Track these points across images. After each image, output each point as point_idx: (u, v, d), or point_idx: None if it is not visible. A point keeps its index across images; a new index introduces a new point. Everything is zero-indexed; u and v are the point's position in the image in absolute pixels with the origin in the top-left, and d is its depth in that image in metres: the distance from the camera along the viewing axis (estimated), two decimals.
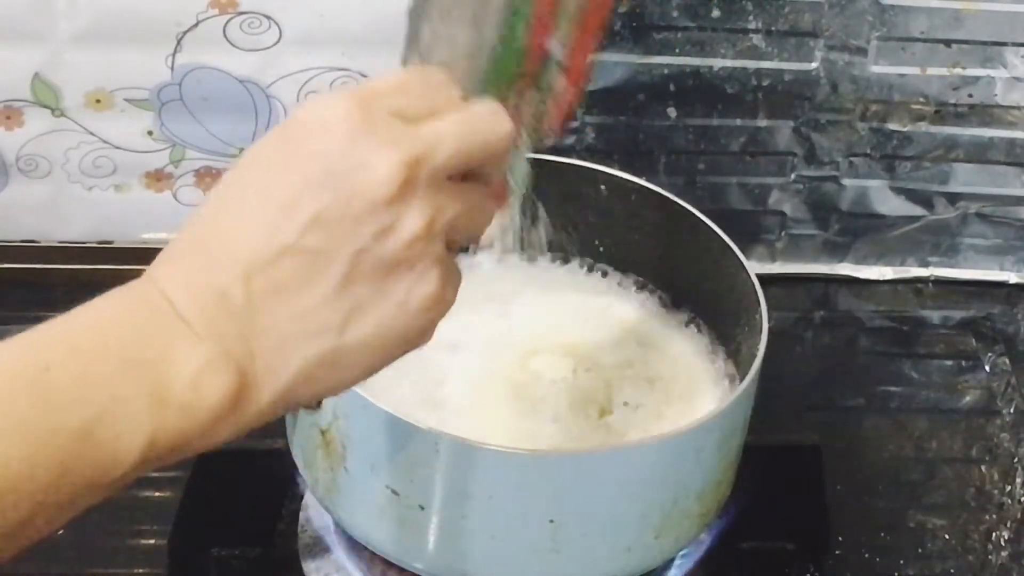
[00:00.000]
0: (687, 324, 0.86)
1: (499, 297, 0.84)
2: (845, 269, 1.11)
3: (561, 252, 0.89)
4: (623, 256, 0.89)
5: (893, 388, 1.03)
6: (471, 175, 0.56)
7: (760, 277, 0.81)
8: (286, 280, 0.53)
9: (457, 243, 0.57)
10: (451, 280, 0.57)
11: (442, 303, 0.56)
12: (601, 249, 0.89)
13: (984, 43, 1.02)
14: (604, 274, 0.88)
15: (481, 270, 0.86)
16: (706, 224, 0.84)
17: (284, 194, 0.53)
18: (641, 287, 0.88)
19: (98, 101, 0.98)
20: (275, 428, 0.82)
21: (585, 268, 0.89)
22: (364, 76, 0.98)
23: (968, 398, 1.02)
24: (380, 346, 0.56)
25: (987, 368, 1.04)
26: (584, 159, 0.89)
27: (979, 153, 1.06)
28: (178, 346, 0.53)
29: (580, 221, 0.88)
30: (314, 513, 0.84)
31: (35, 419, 0.50)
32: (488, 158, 0.56)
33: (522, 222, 0.81)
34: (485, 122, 0.56)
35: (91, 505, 0.53)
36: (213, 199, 0.56)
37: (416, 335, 0.56)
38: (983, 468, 0.96)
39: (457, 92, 0.56)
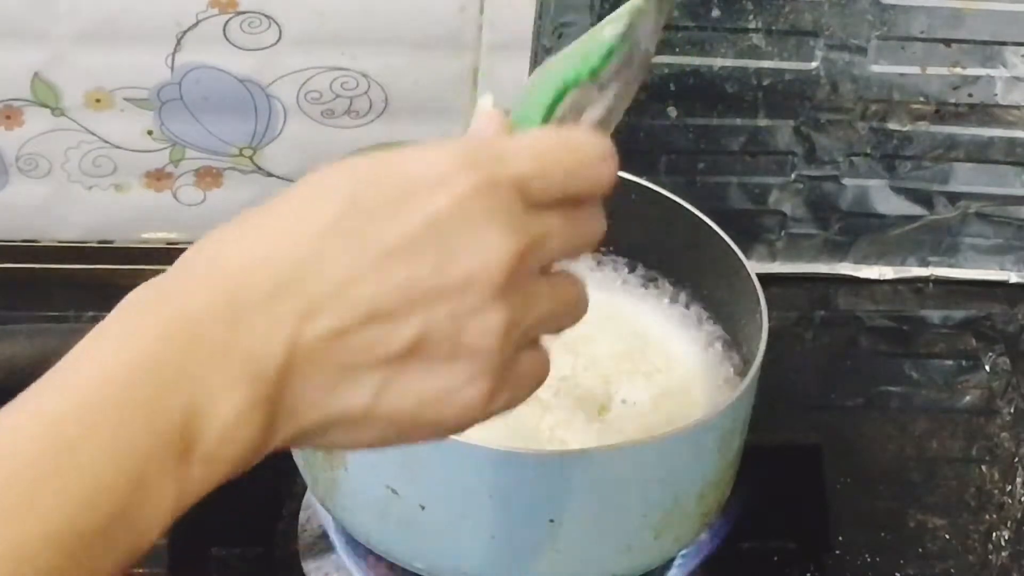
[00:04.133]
0: (687, 323, 0.86)
1: None
2: (845, 269, 1.11)
3: None
4: (623, 255, 0.89)
5: (893, 388, 1.03)
6: None
7: (760, 277, 0.81)
8: (347, 332, 0.49)
9: (547, 334, 0.54)
10: (507, 389, 0.53)
11: (488, 409, 0.53)
12: (601, 248, 0.89)
13: (984, 42, 1.02)
14: (608, 270, 0.88)
15: None
16: (706, 223, 0.84)
17: (376, 246, 0.49)
18: (642, 285, 0.88)
19: (98, 101, 0.98)
20: None
21: (589, 260, 0.89)
22: (364, 76, 0.98)
23: (968, 398, 1.02)
24: (406, 425, 0.52)
25: (987, 368, 1.04)
26: None
27: (979, 153, 1.06)
28: (211, 389, 0.48)
29: None
30: (314, 513, 0.84)
31: (66, 526, 0.45)
32: (582, 254, 0.55)
33: None
34: (593, 221, 0.55)
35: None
36: (279, 211, 0.51)
37: (446, 429, 0.53)
38: (983, 468, 0.96)
39: (614, 167, 0.54)
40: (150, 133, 1.00)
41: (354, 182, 0.51)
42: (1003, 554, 0.90)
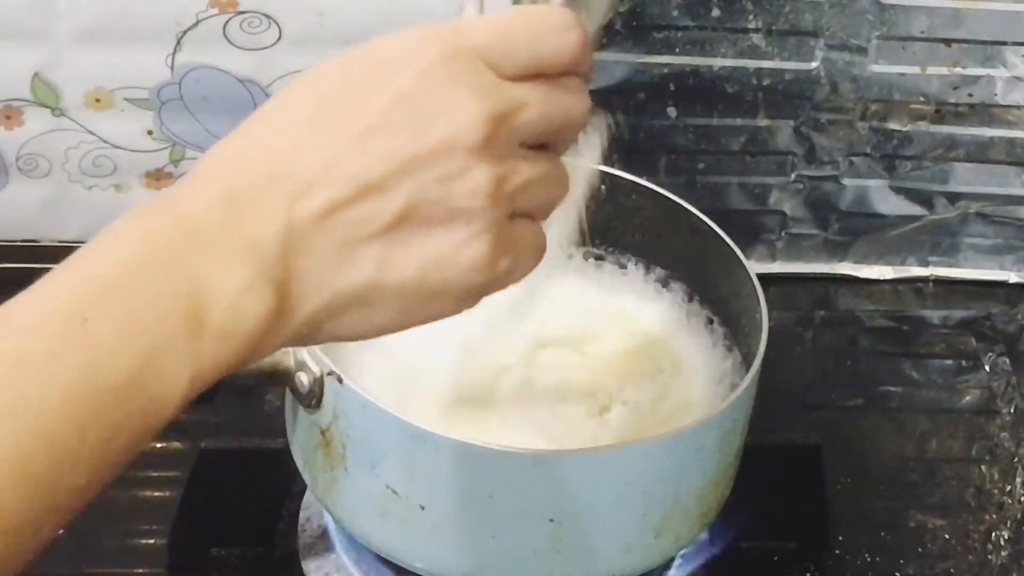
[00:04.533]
0: (686, 323, 0.86)
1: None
2: (845, 269, 1.11)
3: (561, 244, 0.88)
4: (623, 255, 0.89)
5: (893, 388, 1.03)
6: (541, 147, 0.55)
7: (760, 277, 0.81)
8: (339, 209, 0.52)
9: (536, 214, 0.56)
10: (509, 252, 0.55)
11: (492, 271, 0.54)
12: (601, 247, 0.89)
13: (984, 42, 1.02)
14: (608, 270, 0.88)
15: None
16: (706, 224, 0.84)
17: (359, 123, 0.52)
18: (642, 285, 0.88)
19: (98, 101, 0.98)
20: (275, 428, 0.82)
21: (590, 262, 0.89)
22: None
23: (968, 398, 1.02)
24: (416, 295, 0.54)
25: (987, 368, 1.04)
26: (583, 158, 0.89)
27: (979, 152, 1.06)
28: (214, 268, 0.51)
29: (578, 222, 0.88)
30: (314, 513, 0.84)
31: (81, 384, 0.48)
32: (566, 132, 0.56)
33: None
34: (571, 96, 0.55)
35: (134, 455, 0.51)
36: (268, 113, 0.54)
37: (456, 296, 0.55)
38: (983, 468, 0.96)
39: (578, 36, 0.55)
40: (150, 133, 1.00)
41: (327, 75, 0.54)
42: (1003, 554, 0.90)
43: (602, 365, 0.80)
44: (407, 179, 0.52)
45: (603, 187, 0.87)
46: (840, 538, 0.88)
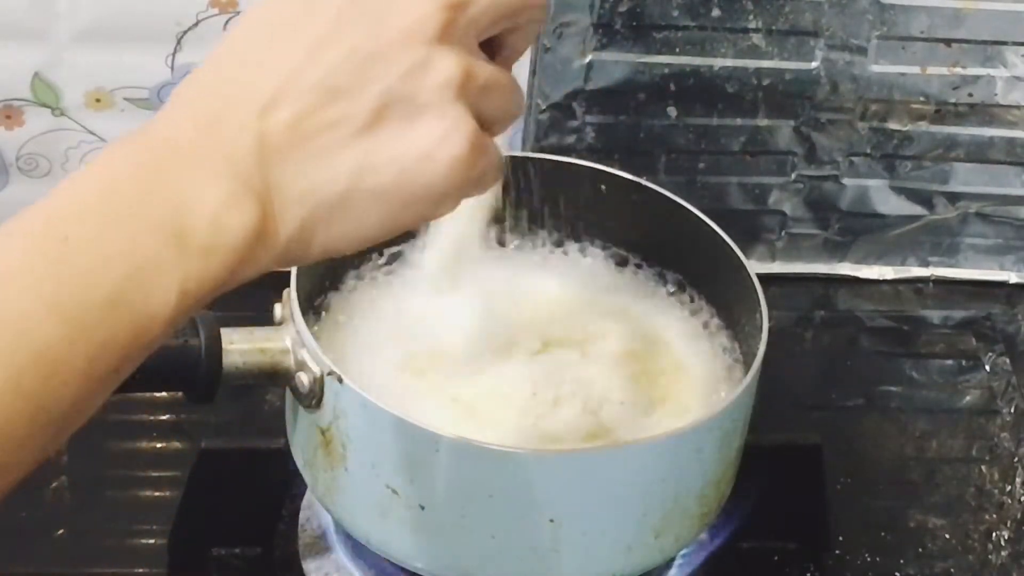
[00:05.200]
0: (686, 323, 0.86)
1: (499, 288, 0.84)
2: (845, 269, 1.11)
3: (561, 244, 0.88)
4: (622, 254, 0.89)
5: (893, 388, 1.03)
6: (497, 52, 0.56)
7: (760, 277, 0.81)
8: (308, 116, 0.52)
9: (490, 125, 0.56)
10: (484, 151, 0.55)
11: (471, 170, 0.54)
12: (601, 248, 0.89)
13: (984, 42, 1.02)
14: (608, 270, 0.88)
15: (482, 260, 0.86)
16: (706, 223, 0.84)
17: (313, 31, 0.52)
18: (642, 285, 0.88)
19: (98, 100, 0.98)
20: (275, 428, 0.82)
21: (589, 260, 0.89)
22: None
23: (968, 398, 1.02)
24: (398, 197, 0.54)
25: (987, 368, 1.04)
26: (584, 159, 0.89)
27: (979, 152, 1.06)
28: (194, 185, 0.51)
29: (580, 221, 0.88)
30: (314, 513, 0.84)
31: (65, 297, 0.49)
32: (520, 20, 0.56)
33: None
34: None
35: (135, 369, 0.52)
36: (228, 41, 0.54)
37: (437, 195, 0.54)
38: (983, 468, 0.96)
39: None
40: None
41: None
42: (1003, 554, 0.90)
43: (602, 365, 0.80)
44: (372, 79, 0.52)
45: (603, 188, 0.87)
46: (840, 538, 0.88)
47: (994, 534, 0.91)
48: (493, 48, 0.58)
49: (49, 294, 0.49)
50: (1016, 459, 0.97)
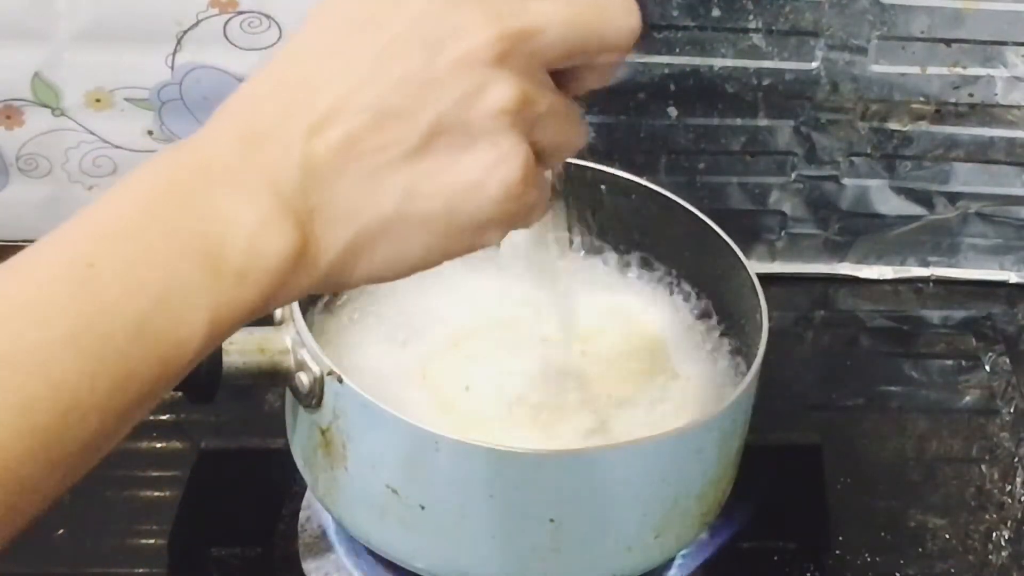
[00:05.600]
0: (687, 322, 0.86)
1: (499, 287, 0.84)
2: (845, 269, 1.11)
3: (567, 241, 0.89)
4: (622, 254, 0.89)
5: (893, 388, 1.03)
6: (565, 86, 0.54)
7: (760, 276, 0.81)
8: (358, 138, 0.50)
9: (548, 155, 0.54)
10: (537, 183, 0.53)
11: (521, 200, 0.52)
12: (601, 247, 0.89)
13: (984, 42, 1.02)
14: (608, 269, 0.88)
15: (487, 259, 0.86)
16: (706, 223, 0.84)
17: (369, 52, 0.51)
18: (642, 285, 0.88)
19: (98, 100, 0.98)
20: (275, 428, 0.82)
21: (591, 260, 0.89)
22: None
23: (968, 398, 1.02)
24: (445, 225, 0.52)
25: (987, 368, 1.04)
26: (584, 159, 0.89)
27: (979, 152, 1.06)
28: (231, 204, 0.49)
29: (580, 221, 0.88)
30: (314, 513, 0.84)
31: (87, 326, 0.46)
32: (596, 60, 0.54)
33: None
34: (608, 13, 0.53)
35: (155, 405, 0.49)
36: (280, 57, 0.52)
37: (484, 225, 0.53)
38: (983, 468, 0.96)
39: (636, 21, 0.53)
40: (150, 133, 1.00)
41: (339, 6, 0.52)
42: (1003, 554, 0.90)
43: (601, 365, 0.80)
44: (425, 103, 0.50)
45: (603, 188, 0.87)
46: (840, 538, 0.88)
47: (994, 534, 0.91)
48: (564, 76, 0.55)
49: (70, 327, 0.46)
50: (1016, 459, 0.97)
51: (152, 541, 0.85)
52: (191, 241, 0.48)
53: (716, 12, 0.99)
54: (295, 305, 0.75)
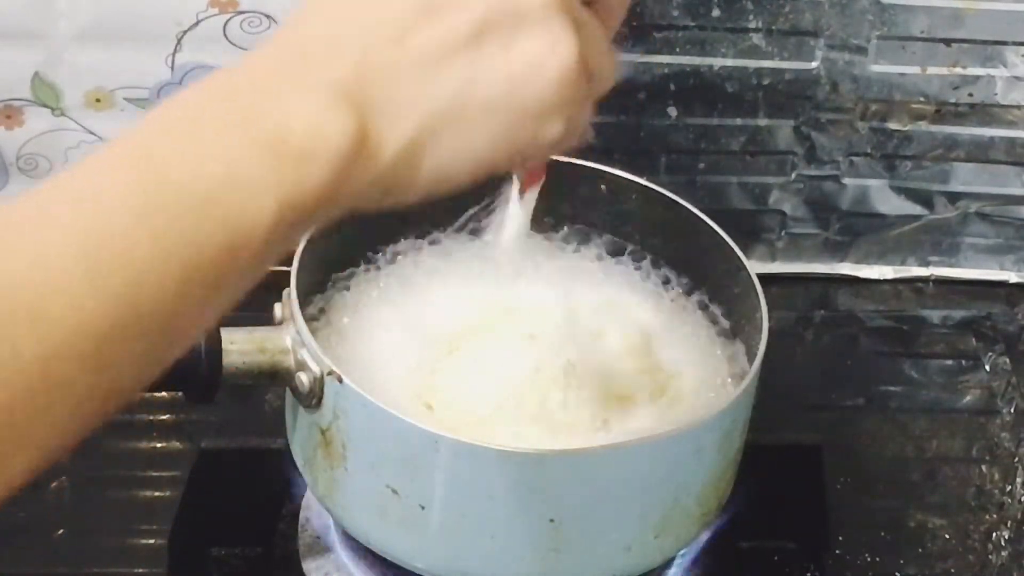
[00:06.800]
0: (687, 322, 0.86)
1: (500, 288, 0.84)
2: (845, 269, 1.11)
3: (568, 241, 0.88)
4: (623, 254, 0.88)
5: (893, 388, 1.03)
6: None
7: (760, 276, 0.81)
8: (411, 31, 0.52)
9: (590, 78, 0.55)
10: (593, 64, 0.54)
11: (579, 86, 0.54)
12: (601, 247, 0.89)
13: (984, 42, 1.02)
14: (608, 269, 0.88)
15: (485, 258, 0.86)
16: (706, 223, 0.84)
17: None
18: (642, 284, 0.88)
19: (98, 100, 0.98)
20: (275, 428, 0.82)
21: (590, 259, 0.88)
22: None
23: (968, 398, 1.02)
24: (507, 110, 0.53)
25: (987, 368, 1.04)
26: (584, 158, 0.89)
27: (979, 152, 1.06)
28: (290, 98, 0.50)
29: (580, 221, 0.88)
30: (314, 513, 0.84)
31: (155, 206, 0.47)
32: None
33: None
34: None
35: (240, 293, 0.50)
36: None
37: (547, 113, 0.54)
38: (983, 468, 0.96)
39: None
40: None
41: None
42: (1003, 554, 0.90)
43: (601, 364, 0.80)
44: None
45: (603, 187, 0.87)
46: (840, 538, 0.88)
47: (994, 534, 0.91)
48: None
49: (139, 205, 0.47)
50: (1016, 459, 0.97)
51: (152, 541, 0.85)
52: (250, 129, 0.49)
53: (716, 12, 0.99)
54: (295, 305, 0.75)
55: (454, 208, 0.85)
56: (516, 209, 0.74)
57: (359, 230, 0.83)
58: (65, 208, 0.47)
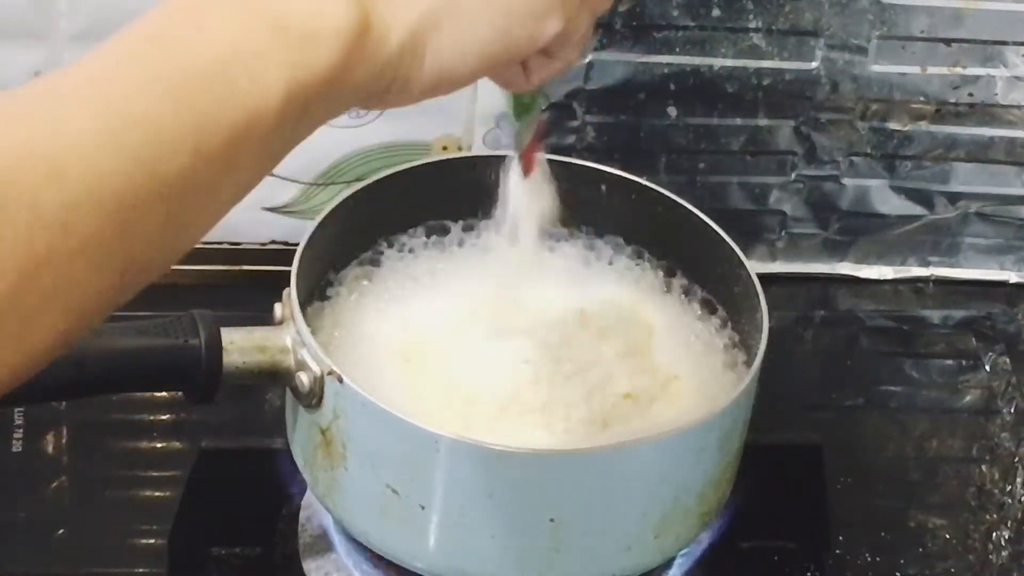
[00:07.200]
0: (687, 322, 0.86)
1: (499, 288, 0.84)
2: (845, 268, 1.11)
3: (568, 240, 0.88)
4: (623, 254, 0.88)
5: (893, 388, 1.03)
6: None
7: (760, 276, 0.81)
8: None
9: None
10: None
11: None
12: (601, 246, 0.89)
13: (984, 42, 1.02)
14: (609, 268, 0.88)
15: (485, 255, 0.86)
16: (707, 223, 0.84)
17: None
18: (643, 284, 0.88)
19: None
20: (275, 428, 0.82)
21: (591, 259, 0.88)
22: None
23: (968, 398, 1.02)
24: (506, 5, 0.55)
25: (987, 368, 1.04)
26: (584, 158, 0.89)
27: (979, 152, 1.06)
28: None
29: (580, 220, 0.88)
30: (314, 513, 0.84)
31: (165, 71, 0.49)
32: None
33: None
34: None
35: (255, 178, 0.51)
36: None
37: (546, 8, 0.56)
38: (983, 468, 0.96)
39: None
40: None
41: None
42: (1003, 554, 0.90)
43: (601, 364, 0.80)
44: None
45: (603, 187, 0.87)
46: (840, 538, 0.88)
47: (994, 534, 0.91)
48: None
49: (152, 76, 0.49)
50: (1016, 459, 0.97)
51: (152, 541, 0.85)
52: (254, 10, 0.51)
53: (716, 12, 0.99)
54: (295, 305, 0.75)
55: (454, 206, 0.85)
56: (519, 197, 0.74)
57: (360, 229, 0.83)
58: (82, 81, 0.49)
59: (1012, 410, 1.01)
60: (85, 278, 0.46)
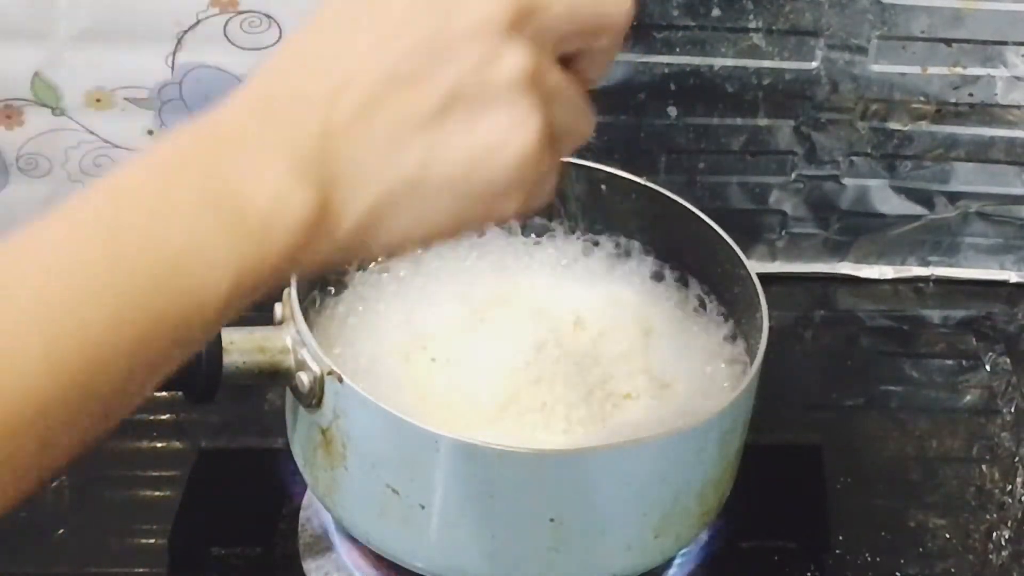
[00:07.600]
0: (686, 322, 0.86)
1: (499, 288, 0.84)
2: (845, 268, 1.11)
3: (567, 240, 0.88)
4: (623, 254, 0.88)
5: (893, 388, 1.03)
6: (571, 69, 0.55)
7: (760, 276, 0.81)
8: (376, 104, 0.51)
9: (557, 140, 0.55)
10: (553, 150, 0.54)
11: (539, 165, 0.53)
12: (601, 246, 0.89)
13: (985, 42, 1.02)
14: (609, 268, 0.88)
15: (485, 254, 0.86)
16: (707, 223, 0.84)
17: (382, 23, 0.52)
18: (643, 284, 0.88)
19: (98, 100, 0.98)
20: (275, 428, 0.82)
21: (591, 259, 0.88)
22: None
23: (968, 398, 1.02)
24: (465, 189, 0.53)
25: (987, 368, 1.04)
26: (584, 158, 0.89)
27: (980, 152, 1.06)
28: (253, 167, 0.50)
29: (580, 220, 0.88)
30: (314, 513, 0.84)
31: (110, 276, 0.48)
32: (593, 45, 0.56)
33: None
34: None
35: (184, 358, 0.51)
36: (298, 34, 0.54)
37: (504, 192, 0.54)
38: (984, 467, 0.96)
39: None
40: (150, 133, 1.00)
41: None
42: (1003, 554, 0.90)
43: (601, 364, 0.80)
44: (441, 68, 0.52)
45: (603, 187, 0.87)
46: (840, 538, 0.88)
47: (994, 534, 0.91)
48: (565, 67, 0.57)
49: (92, 276, 0.48)
50: (1016, 459, 0.97)
51: (152, 541, 0.85)
52: (211, 200, 0.50)
53: (716, 12, 0.99)
54: (295, 305, 0.75)
55: None
56: None
57: None
58: (26, 279, 0.48)
59: (1012, 410, 1.01)
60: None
